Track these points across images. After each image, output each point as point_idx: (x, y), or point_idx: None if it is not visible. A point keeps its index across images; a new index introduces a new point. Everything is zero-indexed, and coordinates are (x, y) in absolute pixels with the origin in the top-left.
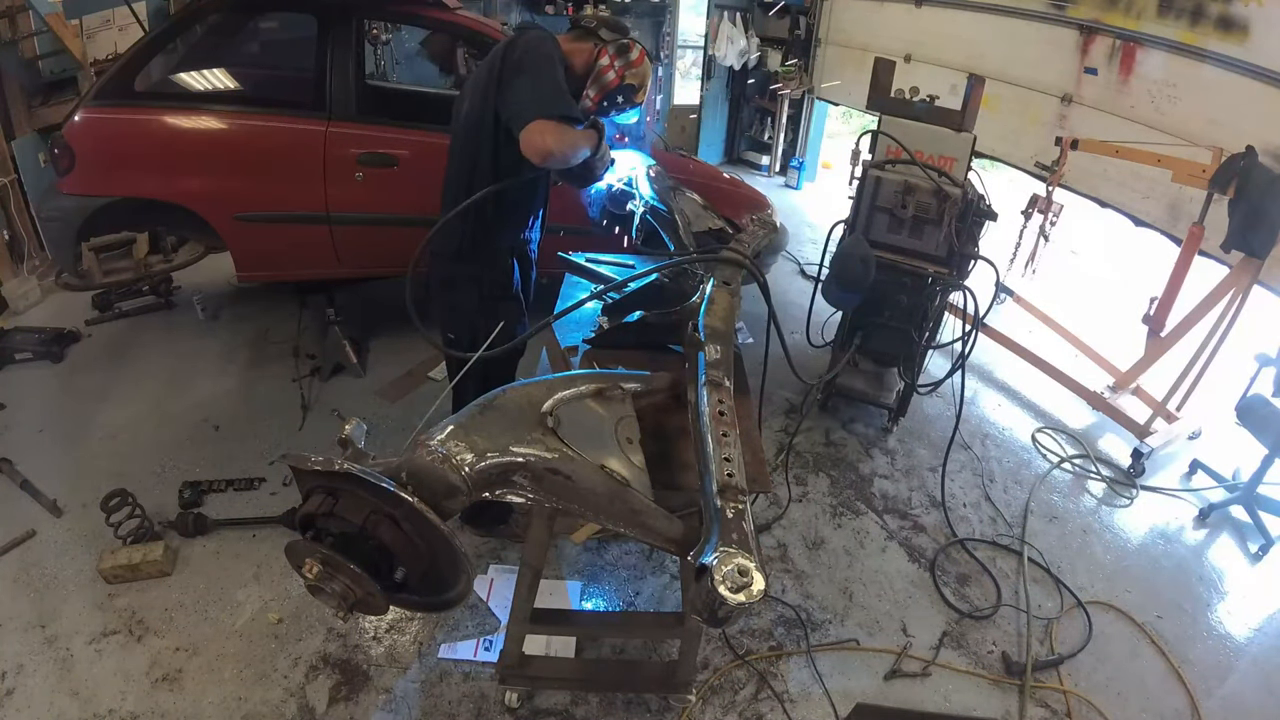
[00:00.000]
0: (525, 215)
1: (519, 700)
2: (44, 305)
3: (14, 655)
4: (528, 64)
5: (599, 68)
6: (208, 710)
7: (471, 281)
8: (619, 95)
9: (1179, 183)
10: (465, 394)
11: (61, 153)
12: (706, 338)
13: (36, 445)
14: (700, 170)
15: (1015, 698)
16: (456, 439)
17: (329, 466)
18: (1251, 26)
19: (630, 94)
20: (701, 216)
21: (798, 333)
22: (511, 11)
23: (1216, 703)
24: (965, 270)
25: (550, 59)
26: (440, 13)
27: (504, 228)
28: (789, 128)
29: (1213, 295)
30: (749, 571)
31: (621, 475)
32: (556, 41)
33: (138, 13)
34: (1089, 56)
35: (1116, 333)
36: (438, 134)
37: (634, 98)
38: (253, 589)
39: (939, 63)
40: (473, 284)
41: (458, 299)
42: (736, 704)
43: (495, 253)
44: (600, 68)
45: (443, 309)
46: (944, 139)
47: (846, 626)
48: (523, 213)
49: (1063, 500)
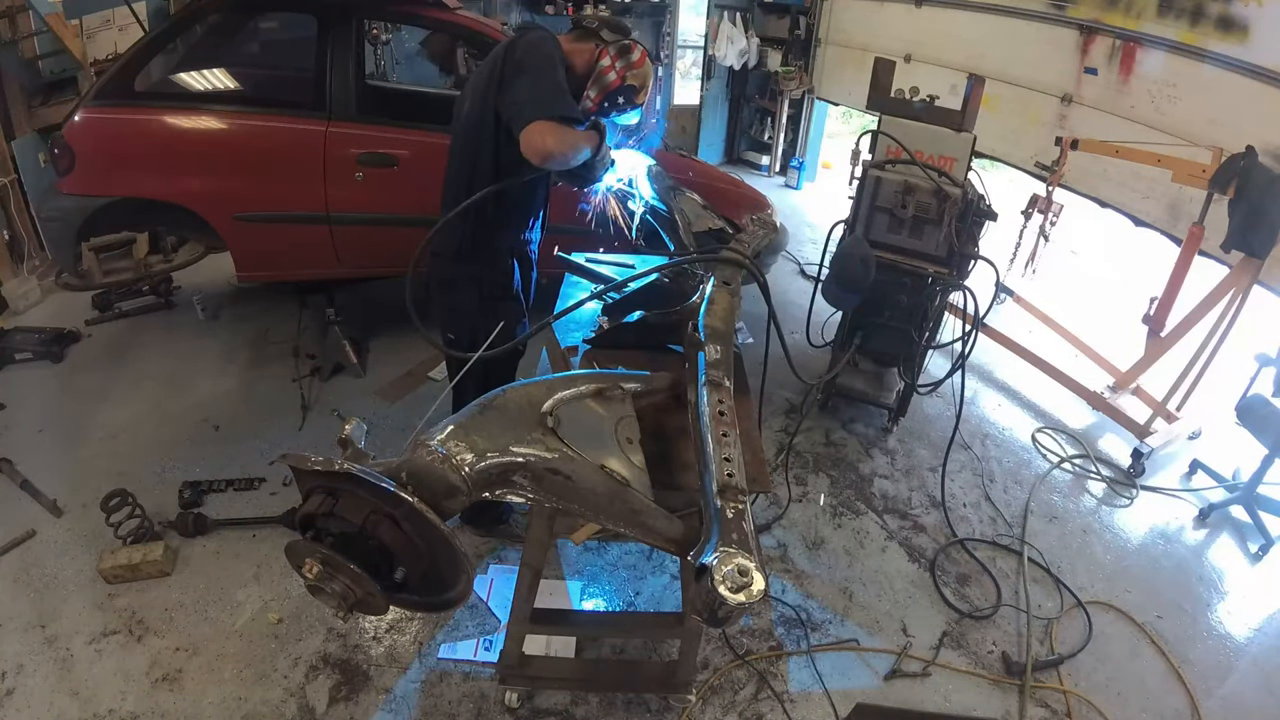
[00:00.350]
0: (525, 216)
1: (519, 700)
2: (44, 305)
3: (14, 655)
4: (528, 64)
5: (600, 68)
6: (208, 710)
7: (471, 282)
8: (620, 96)
9: (1179, 183)
10: (465, 394)
11: (61, 153)
12: (706, 338)
13: (36, 445)
14: (700, 170)
15: (1015, 698)
16: (456, 439)
17: (329, 466)
18: (1251, 26)
19: (631, 95)
20: (701, 216)
21: (798, 333)
22: (511, 11)
23: (1216, 703)
24: (965, 270)
25: (551, 59)
26: (440, 13)
27: (504, 228)
28: (789, 128)
29: (1213, 295)
30: (749, 571)
31: (621, 475)
32: (558, 42)
33: (138, 13)
34: (1089, 56)
35: (1116, 333)
36: (438, 134)
37: (635, 98)
38: (253, 589)
39: (939, 63)
40: (473, 284)
41: (457, 299)
42: (736, 704)
43: (495, 253)
44: (601, 68)
45: (442, 309)
46: (944, 139)
47: (846, 626)
48: (523, 213)
49: (1063, 500)
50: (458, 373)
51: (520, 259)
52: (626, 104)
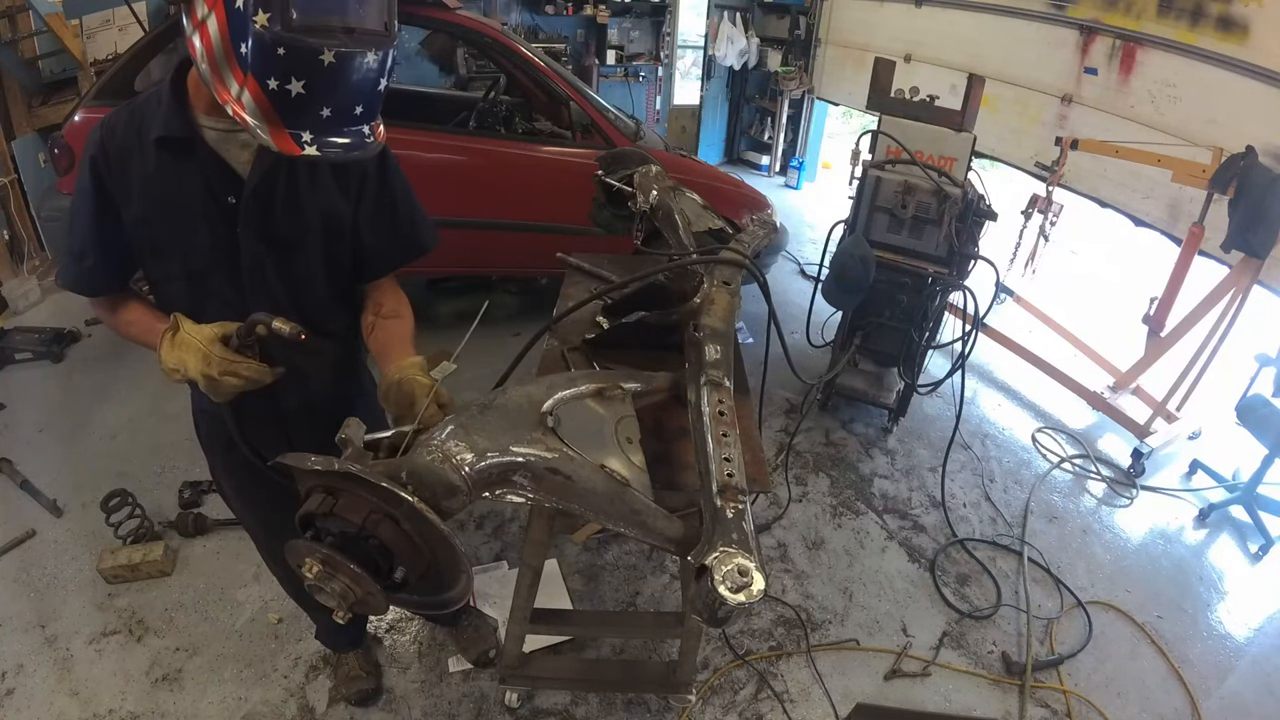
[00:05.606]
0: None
1: (519, 700)
2: (44, 305)
3: (14, 655)
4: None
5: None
6: (208, 710)
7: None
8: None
9: (1179, 183)
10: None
11: (61, 153)
12: (706, 338)
13: (36, 445)
14: (700, 170)
15: (1015, 698)
16: (456, 439)
17: (328, 466)
18: (1251, 26)
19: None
20: (701, 216)
21: (798, 333)
22: (511, 11)
23: (1216, 703)
24: (965, 270)
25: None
26: (440, 13)
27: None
28: (789, 128)
29: (1213, 295)
30: (749, 571)
31: (621, 475)
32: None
33: (138, 13)
34: (1089, 56)
35: (1116, 333)
36: (437, 134)
37: None
38: (253, 589)
39: (939, 63)
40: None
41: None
42: (736, 704)
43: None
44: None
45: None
46: (944, 139)
47: (846, 626)
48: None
49: (1063, 500)
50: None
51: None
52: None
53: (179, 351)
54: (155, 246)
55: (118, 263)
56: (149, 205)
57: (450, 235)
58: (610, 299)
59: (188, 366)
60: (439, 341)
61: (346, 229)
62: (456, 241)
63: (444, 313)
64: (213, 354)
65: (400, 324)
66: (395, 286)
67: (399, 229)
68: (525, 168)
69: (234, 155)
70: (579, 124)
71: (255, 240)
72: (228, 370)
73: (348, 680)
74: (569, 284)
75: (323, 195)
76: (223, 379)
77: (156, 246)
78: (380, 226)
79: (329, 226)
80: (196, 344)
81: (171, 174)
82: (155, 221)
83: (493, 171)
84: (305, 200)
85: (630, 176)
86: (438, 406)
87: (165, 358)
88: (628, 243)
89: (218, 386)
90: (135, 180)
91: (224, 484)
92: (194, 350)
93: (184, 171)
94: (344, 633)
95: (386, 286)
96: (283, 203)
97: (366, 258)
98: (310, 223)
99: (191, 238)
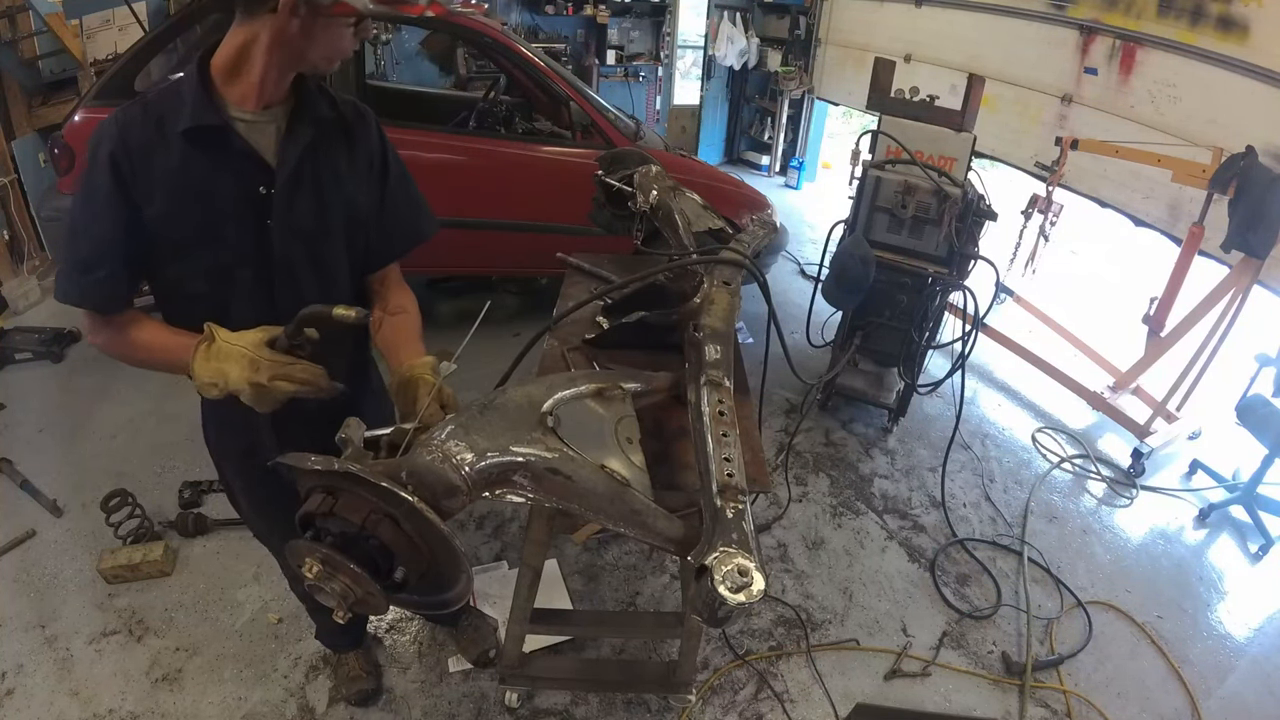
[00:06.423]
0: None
1: (519, 700)
2: (44, 305)
3: (14, 655)
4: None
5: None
6: (208, 710)
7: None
8: None
9: (1179, 183)
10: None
11: (61, 153)
12: (706, 338)
13: (36, 445)
14: (700, 170)
15: (1015, 698)
16: (456, 438)
17: (328, 466)
18: (1251, 26)
19: None
20: (701, 216)
21: (798, 333)
22: (511, 12)
23: (1216, 703)
24: (965, 270)
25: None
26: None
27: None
28: (789, 128)
29: (1213, 295)
30: (749, 571)
31: (621, 475)
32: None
33: (138, 13)
34: (1089, 56)
35: (1116, 333)
36: (438, 134)
37: None
38: (253, 589)
39: (939, 63)
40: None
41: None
42: (736, 704)
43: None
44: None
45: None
46: (944, 139)
47: (846, 626)
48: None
49: (1063, 500)
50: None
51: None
52: None
53: (216, 362)
54: (180, 243)
55: (133, 272)
56: (175, 200)
57: (451, 235)
58: (610, 299)
59: (229, 377)
60: (440, 342)
61: (366, 217)
62: (457, 242)
63: (444, 313)
64: (261, 359)
65: (408, 320)
66: (401, 282)
67: (400, 216)
68: (525, 168)
69: (264, 145)
70: (579, 124)
71: (287, 231)
72: (280, 375)
73: (348, 680)
74: (569, 284)
75: (346, 182)
76: (273, 385)
77: (182, 243)
78: (385, 214)
79: (351, 214)
80: (240, 350)
81: (198, 166)
82: (181, 216)
83: (493, 172)
84: (329, 188)
85: (630, 176)
86: (439, 406)
87: (200, 371)
88: (628, 243)
89: (266, 394)
90: (159, 175)
91: (238, 490)
92: (237, 358)
93: (212, 163)
94: (344, 633)
95: (393, 282)
96: (311, 191)
97: (371, 245)
98: (336, 211)
99: (220, 230)
